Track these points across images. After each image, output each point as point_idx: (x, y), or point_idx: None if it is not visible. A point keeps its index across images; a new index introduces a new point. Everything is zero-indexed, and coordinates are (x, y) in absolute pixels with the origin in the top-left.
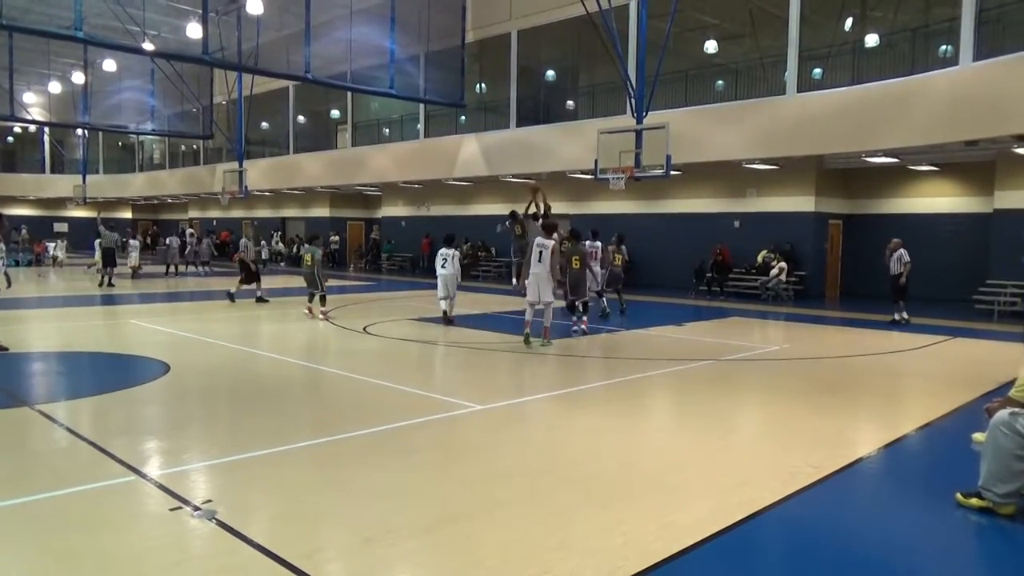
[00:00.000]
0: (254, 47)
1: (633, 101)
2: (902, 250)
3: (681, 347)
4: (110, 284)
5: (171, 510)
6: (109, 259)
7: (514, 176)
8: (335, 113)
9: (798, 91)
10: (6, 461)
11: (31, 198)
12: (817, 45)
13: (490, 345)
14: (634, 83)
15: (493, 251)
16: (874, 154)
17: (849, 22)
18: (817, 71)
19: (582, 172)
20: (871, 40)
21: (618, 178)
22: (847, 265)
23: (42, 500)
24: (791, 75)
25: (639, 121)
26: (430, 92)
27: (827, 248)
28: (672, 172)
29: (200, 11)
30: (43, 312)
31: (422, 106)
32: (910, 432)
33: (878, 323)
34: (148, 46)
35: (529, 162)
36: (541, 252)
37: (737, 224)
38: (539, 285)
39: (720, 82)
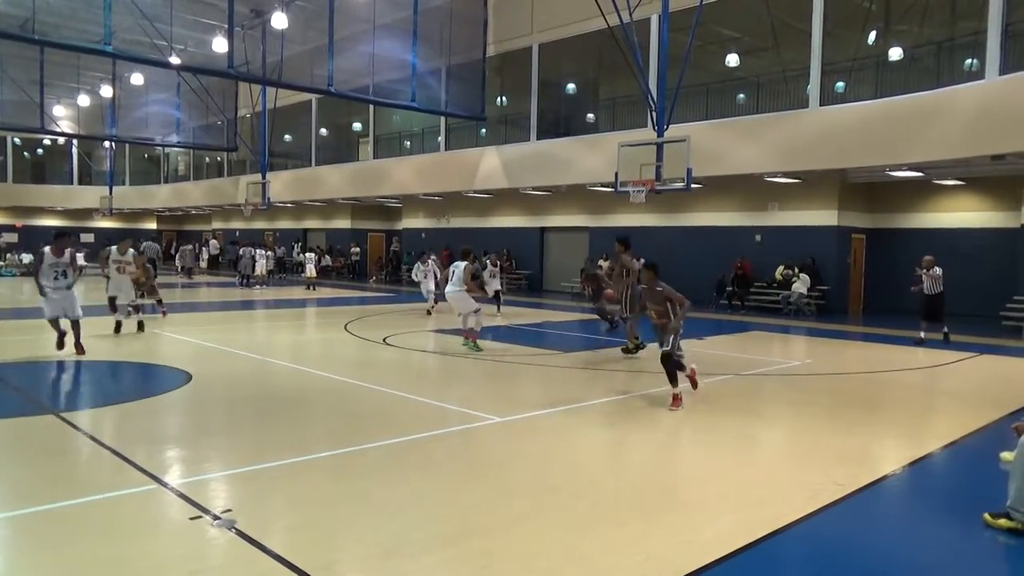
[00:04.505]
0: (278, 61)
1: (654, 114)
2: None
3: (702, 361)
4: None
5: (191, 519)
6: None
7: (535, 188)
8: (357, 126)
9: (821, 104)
10: (30, 468)
11: (59, 209)
12: (840, 58)
13: (510, 357)
14: (655, 96)
15: (513, 264)
16: (898, 168)
17: (873, 35)
18: (840, 84)
19: (602, 185)
20: (895, 54)
21: (638, 191)
22: (871, 280)
23: (64, 507)
24: (814, 88)
25: (660, 134)
26: (451, 105)
27: (850, 263)
28: (693, 185)
29: (226, 26)
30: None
31: (443, 119)
32: (936, 450)
33: (902, 339)
34: (175, 60)
35: (549, 175)
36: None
37: (759, 238)
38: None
39: (742, 95)
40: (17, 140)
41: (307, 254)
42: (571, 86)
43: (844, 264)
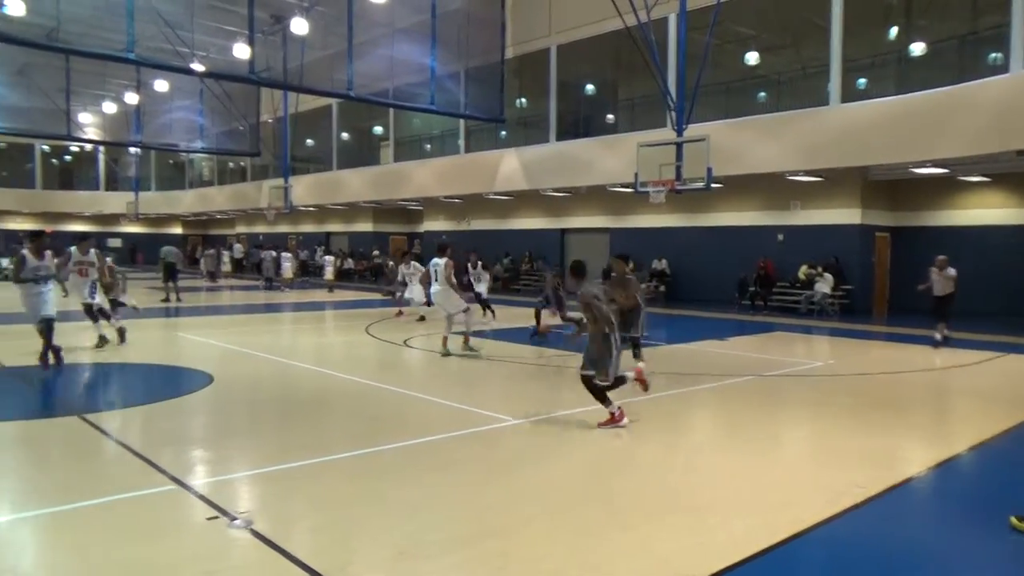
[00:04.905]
0: (299, 66)
1: (673, 114)
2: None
3: (724, 362)
4: (178, 299)
5: (208, 519)
6: (171, 274)
7: (555, 190)
8: (377, 129)
9: (842, 101)
10: (53, 469)
11: (87, 214)
12: (861, 55)
13: (528, 359)
14: (674, 96)
15: (535, 265)
16: (922, 165)
17: (894, 31)
18: (861, 81)
19: (622, 185)
20: (917, 49)
21: (658, 191)
22: (895, 279)
23: (85, 507)
24: (834, 85)
25: (679, 134)
26: (470, 108)
27: (874, 262)
28: (713, 185)
29: (247, 32)
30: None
31: (462, 122)
32: (961, 452)
33: (928, 339)
34: (197, 66)
35: (569, 176)
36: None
37: (781, 237)
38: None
39: (761, 93)
40: (45, 147)
41: (326, 257)
42: (590, 87)
43: (868, 263)
